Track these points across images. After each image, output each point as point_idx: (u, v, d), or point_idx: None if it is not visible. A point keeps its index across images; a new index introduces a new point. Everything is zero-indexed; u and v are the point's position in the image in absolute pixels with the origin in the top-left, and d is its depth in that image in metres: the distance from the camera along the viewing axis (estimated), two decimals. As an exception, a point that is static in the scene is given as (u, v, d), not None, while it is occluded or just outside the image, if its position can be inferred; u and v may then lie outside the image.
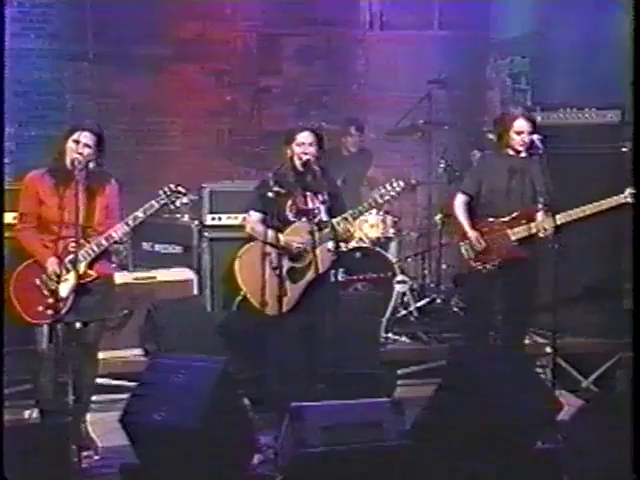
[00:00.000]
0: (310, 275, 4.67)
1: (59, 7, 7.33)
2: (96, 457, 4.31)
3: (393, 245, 6.51)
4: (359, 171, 6.68)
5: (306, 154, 4.64)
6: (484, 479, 3.67)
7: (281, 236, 4.60)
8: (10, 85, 5.64)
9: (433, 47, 7.83)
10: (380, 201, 4.77)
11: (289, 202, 4.69)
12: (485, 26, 7.80)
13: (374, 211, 6.40)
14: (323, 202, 4.64)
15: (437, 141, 6.80)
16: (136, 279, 5.39)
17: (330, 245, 4.69)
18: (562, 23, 6.90)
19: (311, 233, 4.63)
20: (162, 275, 5.48)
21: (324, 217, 4.68)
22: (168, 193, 4.33)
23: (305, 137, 4.66)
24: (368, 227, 6.34)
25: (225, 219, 5.75)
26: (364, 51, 7.93)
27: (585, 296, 5.85)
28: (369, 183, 6.66)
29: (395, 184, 4.73)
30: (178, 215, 6.29)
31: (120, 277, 5.25)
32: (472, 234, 5.05)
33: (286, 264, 4.61)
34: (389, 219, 6.43)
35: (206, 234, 5.77)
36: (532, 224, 5.03)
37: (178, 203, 4.35)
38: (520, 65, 7.61)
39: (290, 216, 4.70)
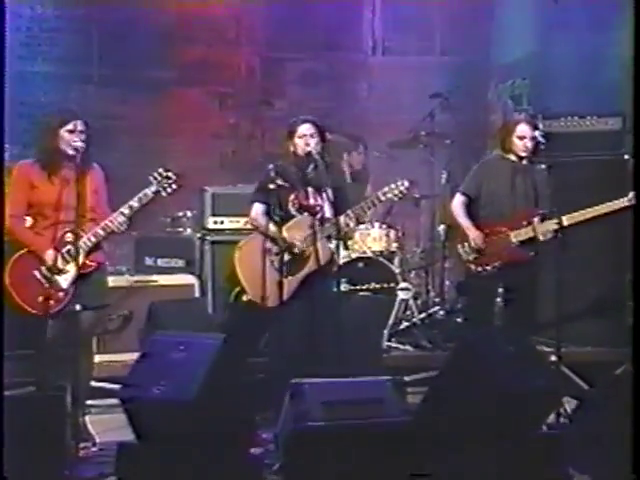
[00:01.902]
0: (308, 268, 4.65)
1: (66, 32, 7.48)
2: (94, 449, 4.26)
3: (396, 260, 6.49)
4: (359, 189, 6.69)
5: (308, 145, 4.66)
6: (487, 459, 3.58)
7: (284, 231, 4.58)
8: (16, 107, 5.75)
9: (435, 72, 7.93)
10: (382, 198, 4.73)
11: (291, 197, 4.69)
12: (486, 51, 7.91)
13: (377, 224, 6.43)
14: (327, 198, 4.64)
15: (439, 156, 6.81)
16: (137, 282, 5.38)
17: (332, 244, 4.69)
18: (560, 41, 7.00)
19: (312, 227, 4.62)
20: (163, 280, 5.46)
21: (327, 214, 4.68)
22: (159, 179, 4.30)
23: (307, 129, 4.68)
24: (371, 240, 6.33)
25: (227, 222, 5.75)
26: (366, 76, 8.03)
27: (591, 305, 5.81)
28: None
29: (400, 183, 4.71)
30: (180, 229, 6.33)
31: (121, 280, 5.26)
32: (472, 231, 5.02)
33: (285, 257, 4.58)
34: (392, 233, 6.42)
35: (208, 238, 5.76)
36: (532, 226, 5.00)
37: (169, 190, 4.31)
38: (521, 87, 7.69)
39: (292, 211, 4.70)
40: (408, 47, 7.98)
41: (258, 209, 4.72)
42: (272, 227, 4.59)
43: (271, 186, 4.54)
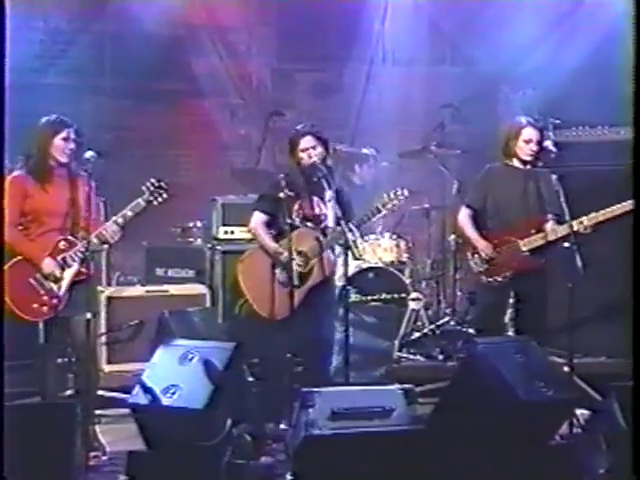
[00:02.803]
0: (312, 280, 4.66)
1: (78, 44, 7.53)
2: (104, 458, 4.26)
3: (407, 270, 6.48)
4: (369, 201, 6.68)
5: (311, 157, 4.68)
6: (498, 470, 3.56)
7: (282, 252, 4.61)
8: (29, 119, 5.78)
9: (445, 83, 7.93)
10: (382, 210, 4.74)
11: (295, 206, 4.71)
12: (496, 62, 7.90)
13: (387, 235, 6.43)
14: (331, 207, 4.65)
15: (450, 166, 6.80)
16: (148, 292, 5.39)
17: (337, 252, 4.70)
18: (571, 51, 7.00)
19: (316, 239, 4.63)
20: (174, 289, 5.48)
21: (330, 223, 4.68)
22: (152, 189, 4.39)
23: (308, 141, 4.70)
24: (382, 251, 6.33)
25: (238, 232, 5.76)
26: (377, 86, 8.04)
27: (604, 315, 5.76)
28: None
29: (399, 192, 4.72)
30: (191, 239, 6.36)
31: (132, 290, 5.27)
32: (481, 242, 5.00)
33: (289, 270, 4.59)
34: (403, 243, 6.42)
35: (218, 247, 5.77)
36: (542, 234, 4.98)
37: (160, 199, 4.40)
38: (531, 97, 7.67)
39: (296, 221, 4.71)
40: (418, 58, 7.98)
41: (259, 219, 4.75)
42: (271, 243, 4.63)
43: (282, 195, 4.55)
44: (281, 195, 4.56)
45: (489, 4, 7.48)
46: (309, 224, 4.70)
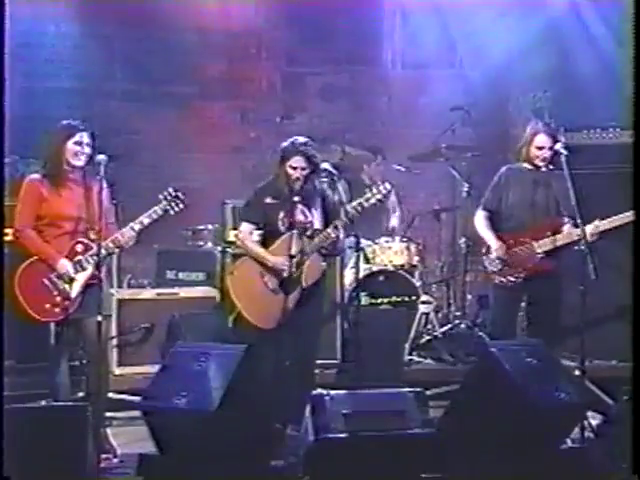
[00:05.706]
0: (301, 286, 4.65)
1: (89, 48, 7.55)
2: (115, 460, 4.28)
3: (417, 273, 6.47)
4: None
5: (298, 178, 4.69)
6: (509, 473, 3.55)
7: (269, 257, 4.65)
8: (40, 122, 5.82)
9: (455, 86, 7.92)
10: (366, 205, 4.73)
11: (281, 214, 4.72)
12: (506, 64, 7.89)
13: (398, 238, 6.43)
14: (318, 215, 4.69)
15: (460, 169, 6.79)
16: (159, 294, 5.40)
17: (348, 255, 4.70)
18: (582, 54, 6.99)
19: (302, 244, 4.63)
20: (185, 292, 5.49)
21: (317, 226, 4.70)
22: (169, 198, 4.45)
23: (297, 161, 4.70)
24: (392, 254, 6.33)
25: (248, 235, 5.75)
26: (386, 89, 8.04)
27: (616, 318, 5.73)
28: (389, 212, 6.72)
29: (382, 187, 4.73)
30: (201, 242, 6.37)
31: (143, 293, 5.28)
32: (494, 242, 5.01)
33: (278, 276, 4.65)
34: (413, 246, 6.41)
35: (229, 250, 5.79)
36: (558, 236, 4.99)
37: (177, 209, 4.45)
38: (542, 100, 7.66)
39: (282, 229, 4.72)
40: (428, 60, 7.97)
41: (246, 229, 4.79)
42: (260, 250, 4.66)
43: (268, 200, 4.60)
44: (268, 200, 4.59)
45: (499, 7, 7.47)
46: (294, 231, 4.68)
